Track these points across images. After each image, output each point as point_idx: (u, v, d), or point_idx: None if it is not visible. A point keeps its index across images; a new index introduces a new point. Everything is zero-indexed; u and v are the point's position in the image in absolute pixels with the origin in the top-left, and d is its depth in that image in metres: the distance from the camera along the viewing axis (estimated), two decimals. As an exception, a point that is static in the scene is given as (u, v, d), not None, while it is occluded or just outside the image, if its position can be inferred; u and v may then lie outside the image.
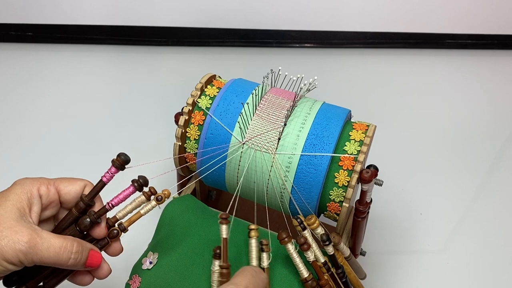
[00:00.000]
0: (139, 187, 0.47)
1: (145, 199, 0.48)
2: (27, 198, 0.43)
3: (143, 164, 0.50)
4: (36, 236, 0.41)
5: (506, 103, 1.06)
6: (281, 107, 0.57)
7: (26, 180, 0.45)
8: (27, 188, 0.44)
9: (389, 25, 1.13)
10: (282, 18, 1.10)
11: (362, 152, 0.54)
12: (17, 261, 0.40)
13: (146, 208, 0.48)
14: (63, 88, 1.04)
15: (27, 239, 0.40)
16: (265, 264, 0.50)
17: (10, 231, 0.40)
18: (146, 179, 0.48)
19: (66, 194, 0.47)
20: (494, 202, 0.88)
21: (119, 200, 0.47)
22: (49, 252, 0.41)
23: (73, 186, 0.47)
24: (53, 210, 0.47)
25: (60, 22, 1.10)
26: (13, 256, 0.40)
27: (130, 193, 0.48)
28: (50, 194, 0.45)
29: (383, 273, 0.77)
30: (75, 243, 0.43)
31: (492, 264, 0.79)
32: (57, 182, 0.46)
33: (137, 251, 0.58)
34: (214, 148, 0.57)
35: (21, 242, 0.40)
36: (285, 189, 0.55)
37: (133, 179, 0.47)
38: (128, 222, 0.48)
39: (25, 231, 0.41)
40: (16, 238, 0.40)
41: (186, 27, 1.11)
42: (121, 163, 0.47)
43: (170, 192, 0.48)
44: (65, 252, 0.42)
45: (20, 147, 0.92)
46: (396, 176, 0.89)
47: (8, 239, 0.40)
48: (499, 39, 1.16)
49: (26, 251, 0.40)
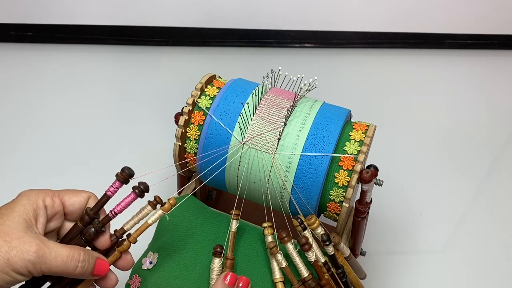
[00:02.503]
0: (140, 194, 0.47)
1: (151, 209, 0.48)
2: (33, 209, 0.44)
3: (146, 175, 0.50)
4: (44, 246, 0.42)
5: (506, 103, 1.06)
6: (281, 107, 0.57)
7: (31, 192, 0.45)
8: (33, 200, 0.44)
9: (389, 25, 1.13)
10: (282, 18, 1.10)
11: (362, 152, 0.54)
12: (26, 271, 0.41)
13: (153, 218, 0.48)
14: (63, 88, 1.04)
15: (35, 249, 0.41)
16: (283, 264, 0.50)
17: (18, 242, 0.41)
18: (146, 185, 0.48)
19: (70, 206, 0.47)
20: (494, 202, 0.88)
21: (122, 207, 0.48)
22: (57, 261, 0.42)
23: (77, 197, 0.47)
24: (57, 222, 0.47)
25: (60, 22, 1.10)
26: (22, 267, 0.40)
27: (132, 200, 0.48)
28: (55, 205, 0.46)
29: (383, 273, 0.77)
30: (82, 251, 0.44)
31: (492, 264, 0.79)
32: (62, 194, 0.47)
33: (137, 251, 0.58)
34: (214, 148, 0.57)
35: (30, 252, 0.41)
36: (285, 189, 0.55)
37: (134, 186, 0.48)
38: (136, 233, 0.48)
39: (33, 242, 0.41)
40: (24, 248, 0.41)
41: (186, 27, 1.11)
42: (125, 177, 0.47)
43: (176, 200, 0.48)
44: (73, 260, 0.43)
45: (19, 147, 0.92)
46: (396, 176, 0.89)
47: (17, 250, 0.40)
48: (499, 39, 1.16)
49: (35, 261, 0.41)
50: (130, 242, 0.48)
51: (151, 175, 0.52)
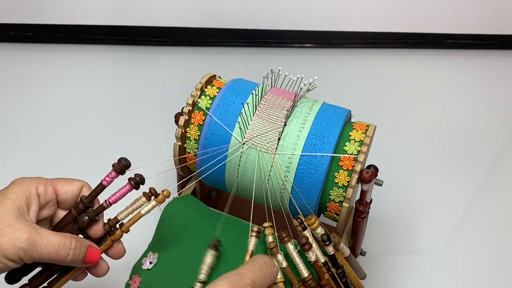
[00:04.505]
0: (135, 185, 0.48)
1: (145, 200, 0.48)
2: (26, 197, 0.44)
3: (143, 167, 0.50)
4: (35, 233, 0.42)
5: (506, 103, 1.06)
6: (281, 107, 0.57)
7: (24, 180, 0.45)
8: (26, 187, 0.44)
9: (389, 25, 1.13)
10: (282, 18, 1.10)
11: (362, 152, 0.54)
12: (17, 258, 0.41)
13: (146, 209, 0.49)
14: (63, 88, 1.04)
15: (26, 236, 0.41)
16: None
17: (10, 229, 0.41)
18: (142, 177, 0.48)
19: (63, 194, 0.47)
20: (494, 202, 0.88)
21: (116, 198, 0.48)
22: (48, 248, 0.42)
23: (71, 186, 0.47)
24: (50, 210, 0.47)
25: (60, 22, 1.10)
26: (13, 253, 0.41)
27: (127, 191, 0.48)
28: (48, 193, 0.46)
29: (383, 273, 0.77)
30: (73, 239, 0.44)
31: (492, 264, 0.79)
32: (55, 182, 0.47)
33: (137, 251, 0.58)
34: (214, 148, 0.57)
35: (21, 239, 0.41)
36: (285, 189, 0.55)
37: (130, 177, 0.48)
38: (129, 222, 0.49)
39: (24, 229, 0.41)
40: (16, 235, 0.41)
41: (186, 27, 1.11)
42: (121, 168, 0.47)
43: (169, 192, 0.48)
44: (64, 248, 0.43)
45: (19, 147, 0.92)
46: (396, 176, 0.89)
47: (8, 237, 0.41)
48: (499, 39, 1.16)
49: (26, 248, 0.41)
50: (123, 231, 0.49)
51: (150, 173, 0.52)
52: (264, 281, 0.43)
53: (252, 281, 0.41)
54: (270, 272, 0.44)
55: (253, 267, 0.43)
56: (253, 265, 0.43)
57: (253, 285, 0.41)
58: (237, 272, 0.42)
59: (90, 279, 0.50)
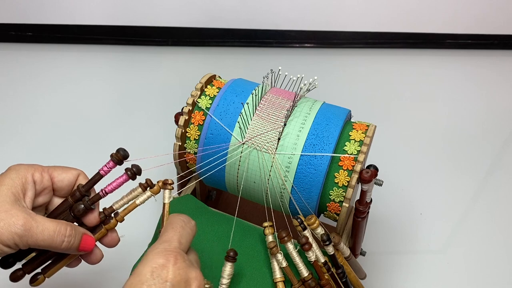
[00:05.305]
0: (132, 175, 0.48)
1: (141, 191, 0.48)
2: (22, 184, 0.44)
3: (141, 159, 0.50)
4: (31, 219, 0.42)
5: (506, 103, 1.06)
6: (281, 107, 0.57)
7: (20, 166, 0.46)
8: (22, 174, 0.45)
9: (389, 25, 1.13)
10: (282, 18, 1.10)
11: (362, 152, 0.54)
12: (13, 244, 0.41)
13: (141, 199, 0.49)
14: (63, 88, 1.04)
15: (22, 222, 0.41)
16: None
17: (6, 215, 0.41)
18: (139, 168, 0.48)
19: (59, 182, 0.47)
20: (494, 202, 0.88)
21: (113, 187, 0.48)
22: (43, 235, 0.42)
23: (67, 174, 0.48)
24: (46, 197, 0.47)
25: (60, 22, 1.10)
26: (9, 239, 0.41)
27: (124, 181, 0.48)
28: (44, 180, 0.46)
29: (383, 273, 0.77)
30: (68, 226, 0.44)
31: (492, 264, 0.79)
32: (51, 170, 0.47)
33: (137, 251, 0.58)
34: (214, 148, 0.57)
35: (17, 225, 0.41)
36: (285, 189, 0.55)
37: (127, 168, 0.48)
38: (124, 212, 0.49)
39: (20, 215, 0.42)
40: (11, 221, 0.41)
41: (186, 27, 1.11)
42: (120, 158, 0.47)
43: (163, 183, 0.49)
44: (59, 235, 0.43)
45: (19, 147, 0.92)
46: (396, 176, 0.89)
47: (4, 222, 0.41)
48: (499, 39, 1.16)
49: (22, 234, 0.41)
50: (117, 220, 0.49)
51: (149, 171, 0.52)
52: (188, 239, 0.44)
53: (179, 242, 0.42)
54: (190, 228, 0.45)
55: (175, 229, 0.43)
56: (175, 227, 0.44)
57: (181, 246, 0.42)
58: (163, 239, 0.42)
59: (90, 279, 0.50)
